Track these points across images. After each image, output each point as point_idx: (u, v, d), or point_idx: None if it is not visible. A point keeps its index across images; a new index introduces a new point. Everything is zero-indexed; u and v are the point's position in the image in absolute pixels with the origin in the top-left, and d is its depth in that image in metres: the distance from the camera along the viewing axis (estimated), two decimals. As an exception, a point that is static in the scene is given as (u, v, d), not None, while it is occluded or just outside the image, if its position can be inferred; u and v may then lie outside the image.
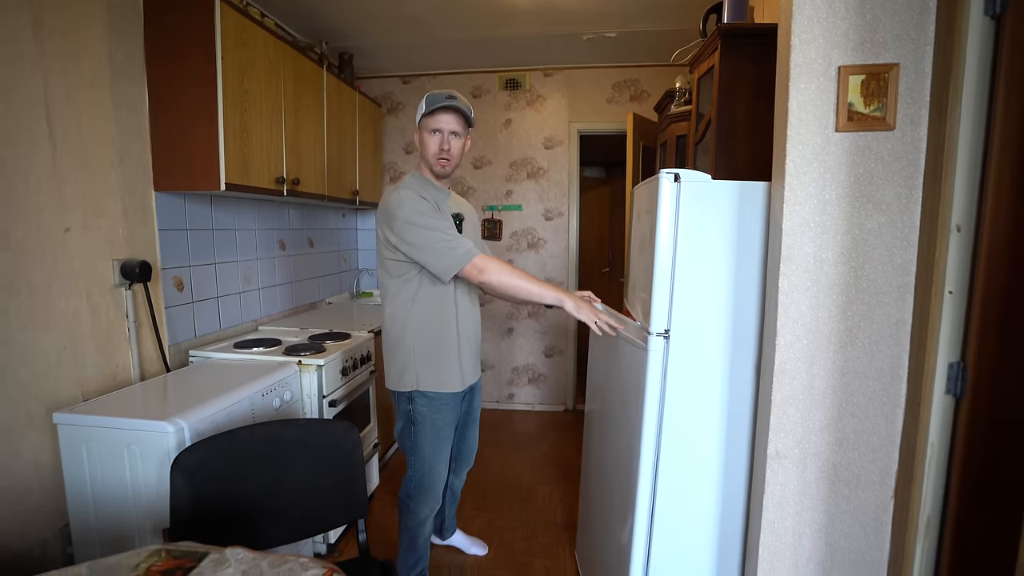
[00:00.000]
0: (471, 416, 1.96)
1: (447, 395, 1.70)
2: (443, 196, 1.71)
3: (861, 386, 1.19)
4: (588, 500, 1.98)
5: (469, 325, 1.75)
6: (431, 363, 1.67)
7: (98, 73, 1.79)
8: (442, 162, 1.64)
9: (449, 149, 1.62)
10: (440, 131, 1.60)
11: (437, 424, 1.70)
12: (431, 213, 1.56)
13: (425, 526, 1.79)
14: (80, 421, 1.49)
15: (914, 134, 1.11)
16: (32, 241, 1.57)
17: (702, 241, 1.29)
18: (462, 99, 1.62)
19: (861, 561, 1.25)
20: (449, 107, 1.58)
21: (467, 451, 2.02)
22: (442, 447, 1.73)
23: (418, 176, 1.71)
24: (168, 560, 1.00)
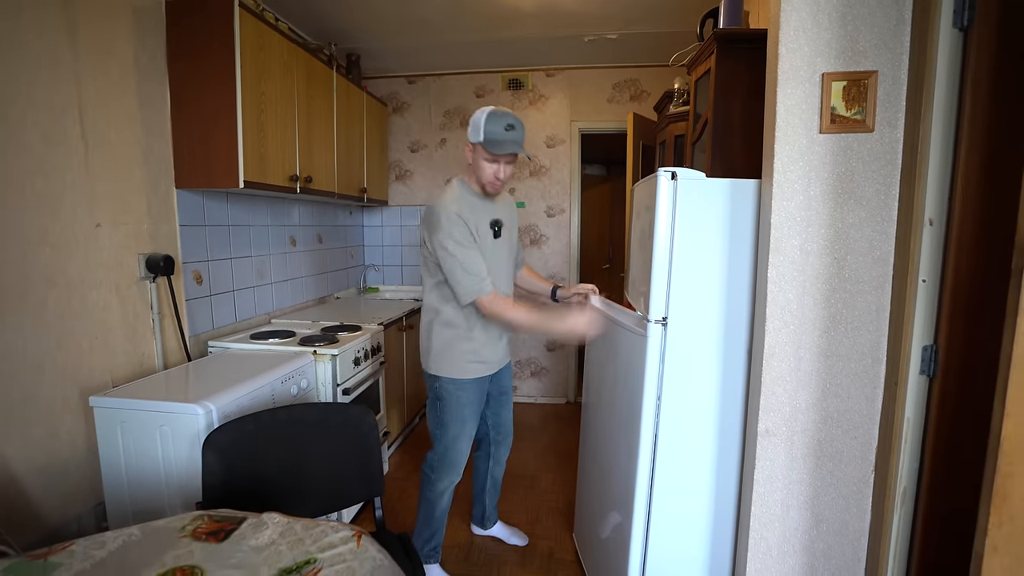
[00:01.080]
0: (503, 394, 2.04)
1: (465, 382, 1.82)
2: (486, 205, 1.79)
3: (844, 368, 1.29)
4: (585, 486, 2.08)
5: (494, 326, 1.84)
6: (453, 355, 1.81)
7: (125, 75, 1.88)
8: (495, 185, 1.73)
9: (505, 178, 1.73)
10: (498, 162, 1.68)
11: (462, 401, 1.82)
12: (464, 241, 1.67)
13: (443, 498, 1.89)
14: (115, 404, 1.59)
15: (891, 136, 1.20)
16: (68, 236, 1.67)
17: (697, 234, 1.39)
18: (521, 130, 1.66)
19: (844, 531, 1.35)
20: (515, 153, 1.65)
21: (504, 432, 2.10)
22: (467, 424, 1.85)
23: (464, 186, 1.78)
24: (211, 523, 1.10)
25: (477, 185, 1.77)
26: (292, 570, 0.95)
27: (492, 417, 2.06)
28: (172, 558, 0.98)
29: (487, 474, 2.16)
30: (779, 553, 1.38)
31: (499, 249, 1.83)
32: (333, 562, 0.97)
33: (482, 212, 1.77)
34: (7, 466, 1.50)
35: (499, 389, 2.02)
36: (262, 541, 1.03)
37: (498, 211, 1.84)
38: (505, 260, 1.87)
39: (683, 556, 1.52)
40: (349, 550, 1.01)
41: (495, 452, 2.12)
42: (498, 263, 1.82)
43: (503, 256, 1.86)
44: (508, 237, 1.89)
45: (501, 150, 1.63)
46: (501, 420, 2.08)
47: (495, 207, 1.83)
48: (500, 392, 2.03)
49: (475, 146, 1.69)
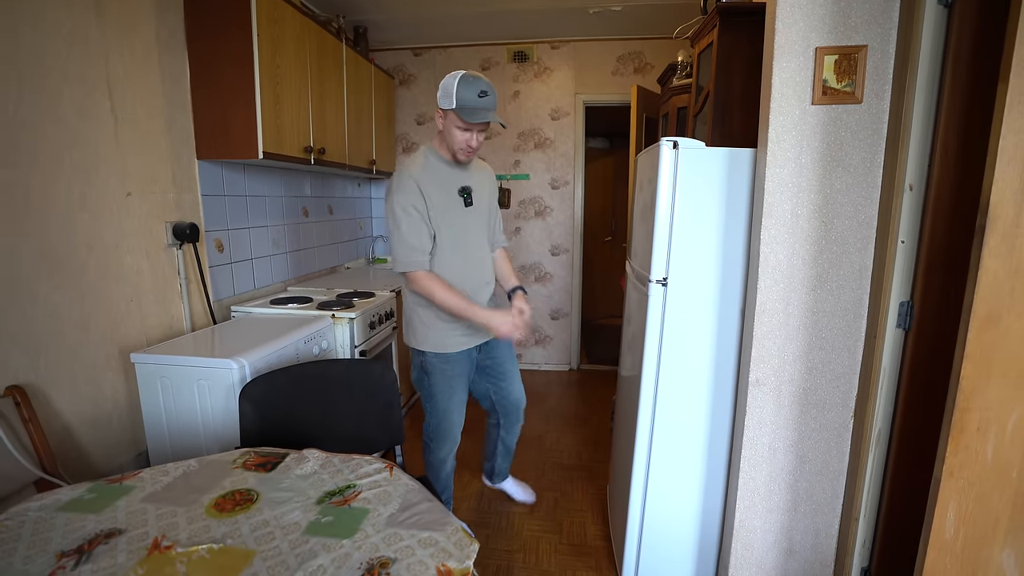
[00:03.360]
0: (499, 369, 1.97)
1: (448, 355, 1.80)
2: (455, 172, 1.74)
3: (828, 323, 1.41)
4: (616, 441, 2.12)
5: (472, 295, 1.76)
6: (436, 330, 1.78)
7: (148, 50, 1.96)
8: (467, 153, 1.67)
9: (477, 145, 1.67)
10: (470, 130, 1.62)
11: (448, 374, 1.81)
12: (411, 210, 1.63)
13: (445, 463, 1.94)
14: (156, 360, 1.72)
15: (878, 107, 1.29)
16: (103, 204, 1.77)
17: (696, 200, 1.49)
18: (494, 96, 1.59)
19: (825, 471, 1.49)
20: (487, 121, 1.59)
21: (510, 405, 2.04)
22: (455, 395, 1.84)
23: (432, 152, 1.73)
24: (257, 457, 1.24)
25: (448, 152, 1.70)
26: (335, 492, 1.09)
27: (495, 393, 2.00)
28: (229, 483, 1.12)
29: (498, 440, 2.16)
30: (766, 491, 1.52)
31: (470, 217, 1.77)
32: (371, 487, 1.11)
33: (449, 180, 1.72)
34: (60, 417, 1.64)
35: (495, 362, 1.95)
36: (306, 471, 1.17)
37: (469, 178, 1.78)
38: (476, 229, 1.81)
39: (680, 495, 1.67)
40: (383, 478, 1.14)
41: (505, 423, 2.09)
42: (467, 232, 1.77)
43: (474, 225, 1.79)
44: (482, 206, 1.82)
45: (474, 118, 1.56)
46: (505, 396, 2.01)
47: (466, 174, 1.77)
48: (497, 365, 1.96)
49: (446, 112, 1.61)
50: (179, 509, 1.03)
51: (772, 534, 1.55)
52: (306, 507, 1.04)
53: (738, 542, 1.57)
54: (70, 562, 0.88)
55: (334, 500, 1.07)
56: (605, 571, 1.91)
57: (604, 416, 3.26)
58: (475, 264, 1.82)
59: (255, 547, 0.92)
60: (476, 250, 1.83)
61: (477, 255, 1.83)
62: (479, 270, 1.83)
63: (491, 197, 1.91)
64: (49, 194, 1.59)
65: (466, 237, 1.78)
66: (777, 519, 1.54)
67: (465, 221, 1.77)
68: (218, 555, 0.90)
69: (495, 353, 1.95)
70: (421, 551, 0.91)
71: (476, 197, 1.79)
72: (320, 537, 0.95)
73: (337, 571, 0.86)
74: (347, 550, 0.92)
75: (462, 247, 1.77)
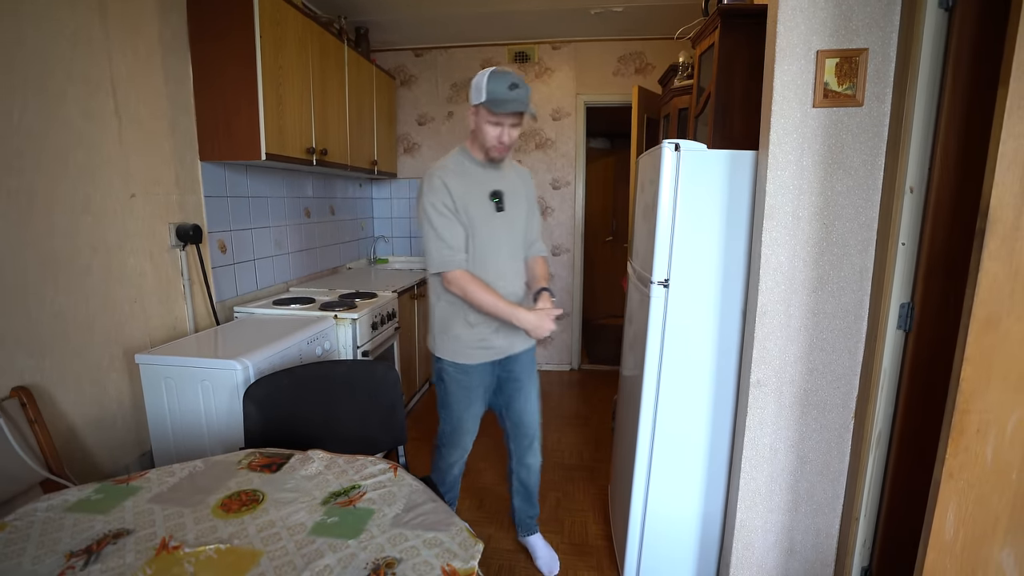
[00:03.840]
0: (515, 386, 1.82)
1: (463, 366, 1.73)
2: (487, 174, 1.67)
3: (829, 324, 1.42)
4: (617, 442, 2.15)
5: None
6: (455, 338, 1.71)
7: (151, 51, 1.96)
8: (500, 149, 1.60)
9: (509, 141, 1.58)
10: (501, 124, 1.56)
11: (464, 385, 1.74)
12: (443, 209, 1.59)
13: (452, 468, 1.88)
14: (160, 361, 1.73)
15: (879, 110, 1.30)
16: (106, 206, 1.78)
17: (698, 202, 1.50)
18: (525, 85, 1.53)
19: (826, 471, 1.49)
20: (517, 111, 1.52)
21: (518, 431, 1.88)
22: (471, 407, 1.77)
23: (463, 153, 1.67)
24: (262, 459, 1.24)
25: (480, 152, 1.64)
26: (340, 493, 1.10)
27: (507, 409, 1.87)
28: (235, 484, 1.13)
29: (514, 476, 1.97)
30: (767, 491, 1.53)
31: (500, 224, 1.66)
32: (376, 488, 1.12)
33: (480, 182, 1.65)
34: (65, 417, 1.65)
35: (511, 376, 1.82)
36: (311, 471, 1.18)
37: (501, 182, 1.68)
38: (505, 235, 1.68)
39: (681, 495, 1.68)
40: (388, 479, 1.15)
41: (515, 450, 1.92)
42: (495, 239, 1.66)
43: (504, 232, 1.68)
44: (517, 212, 1.71)
45: (504, 108, 1.50)
46: (517, 415, 1.86)
47: (498, 176, 1.68)
48: (513, 380, 1.82)
49: (477, 108, 1.56)
50: (186, 510, 1.04)
51: (773, 534, 1.56)
52: (311, 508, 1.05)
53: (739, 542, 1.58)
54: (79, 562, 0.89)
55: (339, 501, 1.08)
56: (607, 570, 1.92)
57: (605, 416, 3.27)
58: (501, 274, 1.68)
59: (262, 547, 0.93)
60: (504, 260, 1.69)
61: (505, 265, 1.69)
62: (506, 280, 1.69)
63: (528, 202, 1.78)
64: (54, 197, 1.60)
65: (493, 245, 1.66)
66: (778, 519, 1.54)
67: (493, 228, 1.65)
68: (225, 555, 0.91)
69: (513, 367, 1.81)
70: (426, 551, 0.92)
71: (510, 202, 1.68)
72: (326, 537, 0.96)
73: (343, 571, 0.87)
74: (353, 550, 0.93)
75: (487, 255, 1.65)
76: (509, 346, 1.76)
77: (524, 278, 1.79)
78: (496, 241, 1.67)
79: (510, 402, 1.85)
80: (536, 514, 2.03)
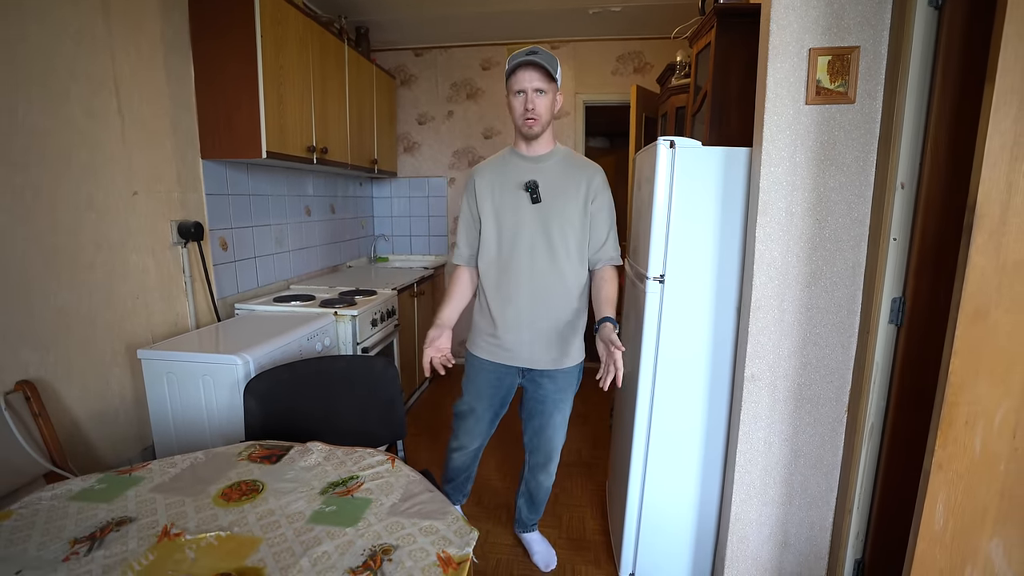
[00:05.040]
0: (538, 406, 1.72)
1: (476, 357, 1.73)
2: (523, 164, 1.59)
3: (822, 319, 1.43)
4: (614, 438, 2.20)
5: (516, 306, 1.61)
6: (472, 322, 1.75)
7: (153, 49, 1.99)
8: (529, 122, 1.50)
9: (535, 108, 1.47)
10: (524, 91, 1.47)
11: (472, 377, 1.75)
12: (464, 206, 1.68)
13: (454, 454, 1.85)
14: (162, 356, 1.75)
15: (871, 107, 1.32)
16: (110, 203, 1.80)
17: (693, 198, 1.52)
18: (545, 52, 1.47)
19: (819, 464, 1.51)
20: (527, 63, 1.44)
21: (535, 445, 1.79)
22: (478, 402, 1.74)
23: (510, 149, 1.65)
24: (262, 450, 1.26)
25: (522, 142, 1.58)
26: (339, 483, 1.12)
27: (526, 424, 1.79)
28: (235, 474, 1.15)
29: (524, 483, 1.93)
30: (761, 485, 1.55)
31: (533, 215, 1.56)
32: (373, 478, 1.14)
33: (516, 173, 1.58)
34: (69, 411, 1.67)
35: (537, 396, 1.71)
36: (310, 463, 1.20)
37: (543, 174, 1.56)
38: (537, 232, 1.56)
39: (677, 490, 1.70)
40: (386, 469, 1.17)
41: (530, 461, 1.85)
42: (521, 234, 1.57)
43: (537, 223, 1.56)
44: (560, 206, 1.56)
45: (515, 61, 1.45)
46: (535, 433, 1.77)
47: (539, 168, 1.57)
48: (538, 401, 1.71)
49: (507, 95, 1.53)
50: (187, 499, 1.06)
51: (767, 527, 1.57)
52: (310, 497, 1.07)
53: (734, 535, 1.59)
54: (83, 548, 0.91)
55: (337, 490, 1.09)
56: (604, 564, 1.94)
57: (603, 414, 3.29)
58: (531, 273, 1.58)
59: (261, 535, 0.95)
60: (536, 257, 1.57)
61: (536, 264, 1.58)
62: (536, 281, 1.59)
63: (583, 199, 1.57)
64: (57, 194, 1.62)
65: (522, 239, 1.57)
66: (772, 512, 1.56)
67: (523, 220, 1.56)
68: (226, 542, 0.93)
69: (541, 383, 1.69)
70: (422, 539, 0.94)
71: (550, 194, 1.55)
72: (324, 525, 0.98)
73: (341, 557, 0.89)
74: (350, 537, 0.94)
75: (513, 250, 1.58)
76: (530, 358, 1.65)
77: (582, 286, 1.63)
78: (526, 234, 1.56)
79: (531, 417, 1.76)
80: (537, 519, 2.02)
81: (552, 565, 1.93)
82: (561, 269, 1.58)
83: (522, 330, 1.62)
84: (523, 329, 1.62)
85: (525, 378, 1.72)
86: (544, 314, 1.61)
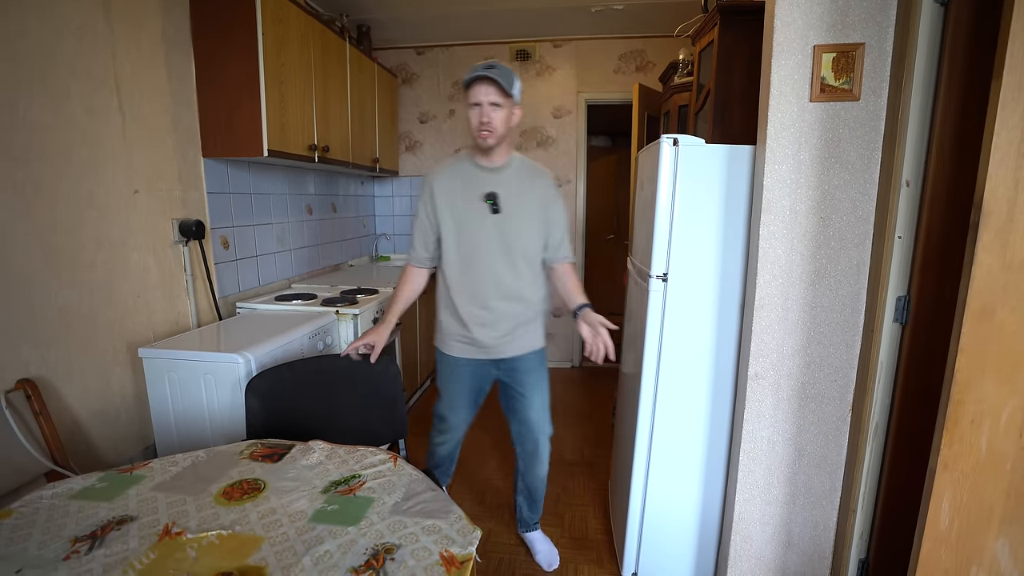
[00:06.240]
0: (516, 391, 1.79)
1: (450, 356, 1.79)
2: (481, 175, 1.65)
3: (826, 318, 1.42)
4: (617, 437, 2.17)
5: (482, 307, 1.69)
6: (442, 327, 1.80)
7: (154, 47, 1.98)
8: (484, 134, 1.55)
9: (490, 121, 1.53)
10: (479, 104, 1.53)
11: (447, 377, 1.81)
12: (419, 209, 1.71)
13: (435, 448, 1.92)
14: (163, 355, 1.74)
15: (876, 104, 1.31)
16: (111, 201, 1.80)
17: (696, 196, 1.51)
18: (503, 67, 1.53)
19: (823, 464, 1.50)
20: (483, 77, 1.50)
21: (523, 435, 1.85)
22: (456, 397, 1.81)
23: (465, 156, 1.70)
24: (264, 449, 1.26)
25: (479, 151, 1.63)
26: (341, 482, 1.11)
27: (509, 413, 1.86)
28: (237, 473, 1.14)
29: (520, 479, 1.98)
30: (765, 484, 1.54)
31: (494, 224, 1.63)
32: (375, 477, 1.13)
33: (476, 183, 1.64)
34: (71, 410, 1.66)
35: (515, 381, 1.79)
36: (312, 461, 1.19)
37: (501, 184, 1.63)
38: (498, 236, 1.64)
39: (680, 489, 1.69)
40: (388, 468, 1.17)
41: (521, 454, 1.90)
42: (487, 238, 1.64)
43: (497, 232, 1.63)
44: (519, 214, 1.64)
45: (471, 75, 1.52)
46: (519, 421, 1.83)
47: (497, 179, 1.64)
48: (517, 385, 1.79)
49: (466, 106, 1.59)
50: (188, 497, 1.05)
51: (771, 526, 1.57)
52: (312, 496, 1.06)
53: (737, 534, 1.59)
54: (84, 547, 0.91)
55: (339, 489, 1.09)
56: (606, 564, 1.93)
57: (605, 413, 3.28)
58: (493, 277, 1.67)
59: (263, 533, 0.95)
60: (497, 262, 1.66)
61: (497, 267, 1.66)
62: (499, 284, 1.67)
63: (538, 206, 1.67)
64: (58, 191, 1.61)
65: (482, 246, 1.64)
66: (776, 512, 1.55)
67: (483, 230, 1.63)
68: (227, 540, 0.93)
69: (514, 371, 1.78)
70: (425, 538, 0.94)
71: (509, 204, 1.63)
72: (326, 524, 0.97)
73: (343, 556, 0.89)
74: (353, 536, 0.94)
75: (475, 257, 1.66)
76: (500, 349, 1.74)
77: (538, 283, 1.75)
78: (486, 243, 1.64)
79: (513, 405, 1.84)
80: (538, 516, 2.04)
81: (555, 564, 1.94)
82: (520, 271, 1.70)
83: (490, 327, 1.72)
84: (491, 326, 1.72)
85: (500, 369, 1.81)
86: (509, 311, 1.72)
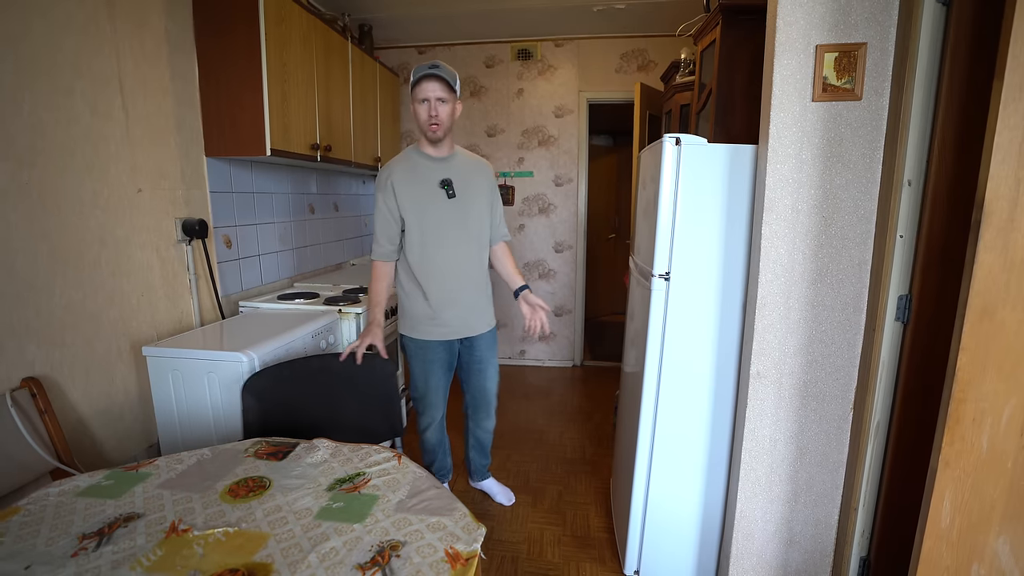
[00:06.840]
0: (477, 365, 2.05)
1: (419, 340, 1.93)
2: (436, 165, 1.83)
3: (828, 317, 1.43)
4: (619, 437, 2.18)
5: (448, 287, 1.87)
6: (412, 316, 1.93)
7: (157, 46, 1.99)
8: (433, 127, 1.73)
9: (437, 115, 1.71)
10: (427, 99, 1.70)
11: (424, 359, 1.94)
12: (379, 204, 1.82)
13: (426, 432, 2.08)
14: (167, 353, 1.75)
15: (877, 104, 1.31)
16: (115, 200, 1.80)
17: (698, 195, 1.52)
18: (446, 67, 1.71)
19: (825, 462, 1.51)
20: (430, 75, 1.67)
21: (477, 401, 2.13)
22: (431, 378, 1.96)
23: (414, 149, 1.86)
24: (268, 447, 1.27)
25: (427, 143, 1.81)
26: (345, 480, 1.12)
27: (465, 383, 2.11)
28: (242, 471, 1.15)
29: (470, 435, 2.25)
30: (766, 482, 1.55)
31: (451, 210, 1.82)
32: (380, 475, 1.14)
33: (429, 173, 1.81)
34: (75, 408, 1.67)
35: (475, 358, 2.03)
36: (316, 459, 1.20)
37: (452, 172, 1.83)
38: (457, 219, 1.84)
39: (682, 487, 1.69)
40: (392, 466, 1.17)
41: (472, 414, 2.18)
42: (445, 224, 1.82)
43: (456, 217, 1.83)
44: (471, 198, 1.86)
45: (419, 74, 1.68)
46: (477, 390, 2.10)
47: (447, 168, 1.83)
48: (476, 361, 2.04)
49: (412, 101, 1.76)
50: (194, 495, 1.06)
51: (773, 524, 1.57)
52: (317, 493, 1.07)
53: (739, 532, 1.59)
54: (92, 544, 0.91)
55: (344, 487, 1.10)
56: (608, 562, 1.94)
57: (607, 412, 3.29)
58: (455, 257, 1.86)
59: (269, 531, 0.95)
60: (458, 244, 1.86)
61: (459, 249, 1.87)
62: (460, 264, 1.88)
63: (485, 191, 1.93)
64: (63, 191, 1.62)
65: (444, 230, 1.83)
66: (778, 510, 1.56)
67: (444, 213, 1.81)
68: (233, 538, 0.93)
69: (476, 348, 2.02)
70: (430, 535, 0.94)
71: (462, 189, 1.84)
72: (332, 521, 0.98)
73: (349, 553, 0.89)
74: (358, 534, 0.95)
75: (439, 240, 1.83)
76: (467, 327, 1.96)
77: (485, 262, 1.98)
78: (445, 226, 1.83)
79: (471, 377, 2.08)
80: (488, 463, 2.32)
81: (513, 499, 2.29)
82: (474, 251, 1.91)
83: (456, 306, 1.90)
84: (457, 305, 1.90)
85: (463, 345, 2.02)
86: (471, 289, 1.93)
